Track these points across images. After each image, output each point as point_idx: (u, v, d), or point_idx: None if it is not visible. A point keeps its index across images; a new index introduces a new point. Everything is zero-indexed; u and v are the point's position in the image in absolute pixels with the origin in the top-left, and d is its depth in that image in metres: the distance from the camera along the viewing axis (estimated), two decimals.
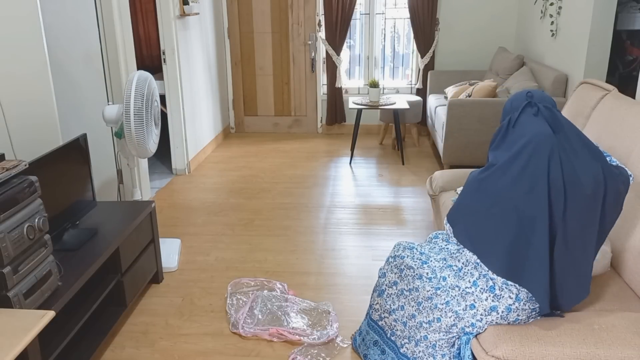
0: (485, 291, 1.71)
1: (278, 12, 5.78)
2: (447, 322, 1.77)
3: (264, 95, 6.09)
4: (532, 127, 1.66)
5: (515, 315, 1.69)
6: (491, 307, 1.69)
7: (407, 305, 1.92)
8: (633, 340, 1.58)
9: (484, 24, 5.59)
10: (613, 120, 2.33)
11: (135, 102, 2.62)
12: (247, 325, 2.45)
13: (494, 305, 1.69)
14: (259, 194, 4.21)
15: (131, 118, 2.60)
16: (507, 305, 1.68)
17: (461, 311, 1.74)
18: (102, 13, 3.34)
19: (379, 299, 2.06)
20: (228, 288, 2.77)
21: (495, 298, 1.69)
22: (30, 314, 1.62)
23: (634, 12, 4.12)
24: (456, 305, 1.76)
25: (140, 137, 2.67)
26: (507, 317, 1.69)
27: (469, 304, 1.73)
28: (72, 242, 2.28)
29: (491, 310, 1.70)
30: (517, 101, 1.75)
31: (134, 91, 2.62)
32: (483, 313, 1.71)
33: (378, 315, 2.06)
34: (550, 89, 4.05)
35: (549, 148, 1.62)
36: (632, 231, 1.96)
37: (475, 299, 1.72)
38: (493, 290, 1.69)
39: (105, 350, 2.35)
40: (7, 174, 1.74)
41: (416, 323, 1.86)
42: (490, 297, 1.70)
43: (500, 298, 1.68)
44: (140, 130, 2.65)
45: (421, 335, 1.85)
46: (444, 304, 1.79)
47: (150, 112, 2.74)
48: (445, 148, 4.28)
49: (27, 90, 2.49)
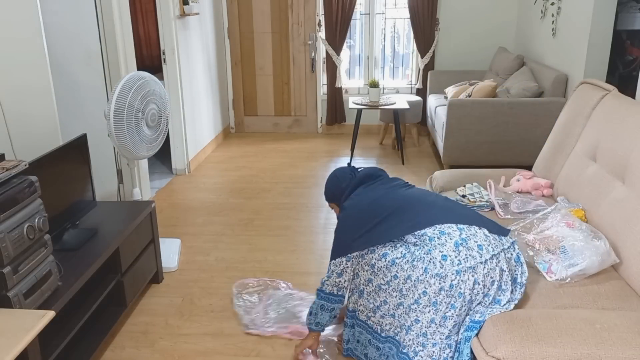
0: (438, 237, 1.89)
1: (278, 12, 5.78)
2: (433, 290, 1.80)
3: (264, 95, 6.09)
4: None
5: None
6: (442, 257, 1.84)
7: (389, 297, 1.93)
8: (634, 341, 1.58)
9: (484, 24, 5.59)
10: (613, 120, 2.33)
11: (120, 99, 2.59)
12: (267, 324, 2.45)
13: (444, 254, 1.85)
14: (259, 194, 4.21)
15: (111, 115, 2.57)
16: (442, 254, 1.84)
17: (440, 269, 1.80)
18: (102, 13, 3.34)
19: (360, 299, 2.06)
20: (233, 289, 2.76)
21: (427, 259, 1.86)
22: (30, 314, 1.61)
23: (634, 12, 4.12)
24: (433, 267, 1.81)
25: (120, 136, 2.61)
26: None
27: (440, 257, 1.83)
28: (72, 242, 2.27)
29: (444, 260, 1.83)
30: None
31: (119, 89, 2.59)
32: (453, 255, 1.82)
33: (365, 315, 2.07)
34: (550, 89, 4.05)
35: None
36: (633, 231, 1.96)
37: (440, 248, 1.84)
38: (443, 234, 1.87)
39: (105, 350, 2.35)
40: (7, 174, 1.74)
41: (405, 309, 1.88)
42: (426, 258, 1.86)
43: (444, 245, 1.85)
44: (120, 129, 2.60)
45: (412, 319, 1.86)
46: (423, 273, 1.82)
47: (144, 113, 2.71)
48: (445, 148, 4.28)
49: (27, 90, 2.48)
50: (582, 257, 1.95)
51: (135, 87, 2.65)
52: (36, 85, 2.52)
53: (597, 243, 1.99)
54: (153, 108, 2.80)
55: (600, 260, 1.95)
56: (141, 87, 2.69)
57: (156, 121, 2.86)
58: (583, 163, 2.47)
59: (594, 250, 1.96)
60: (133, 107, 2.64)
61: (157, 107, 2.84)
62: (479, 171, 3.00)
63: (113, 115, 2.56)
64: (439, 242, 1.84)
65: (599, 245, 1.98)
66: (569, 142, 2.67)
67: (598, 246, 1.98)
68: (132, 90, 2.62)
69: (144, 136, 2.77)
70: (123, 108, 2.59)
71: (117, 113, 2.58)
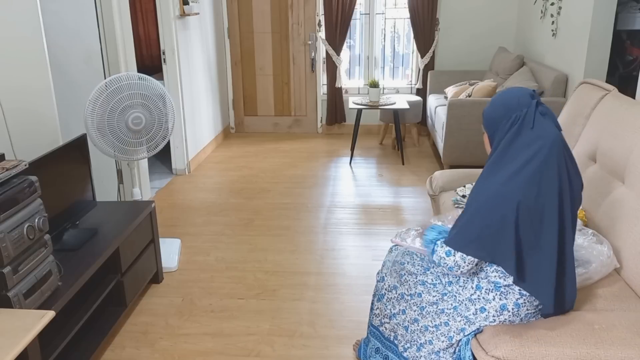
0: (491, 291, 1.70)
1: (278, 12, 5.78)
2: (457, 326, 1.74)
3: (264, 95, 6.09)
4: (547, 128, 1.64)
5: (525, 310, 1.67)
6: (501, 306, 1.68)
7: (408, 309, 1.89)
8: (633, 340, 1.58)
9: (484, 23, 5.59)
10: (613, 120, 2.33)
11: (95, 106, 2.63)
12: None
13: (503, 303, 1.68)
14: (259, 194, 4.21)
15: (88, 121, 2.64)
16: (515, 300, 1.67)
17: (472, 316, 1.72)
18: (102, 13, 3.34)
19: (378, 303, 2.03)
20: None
21: (503, 296, 1.68)
22: (30, 314, 1.61)
23: (634, 12, 4.12)
24: (465, 310, 1.73)
25: (97, 142, 2.69)
26: (518, 314, 1.68)
27: (479, 308, 1.71)
28: (72, 242, 2.27)
29: (502, 310, 1.68)
30: (524, 98, 1.69)
31: (93, 96, 2.63)
32: (495, 314, 1.69)
33: (379, 320, 2.03)
34: (550, 89, 4.05)
35: (562, 149, 1.63)
36: (632, 231, 1.96)
37: (484, 301, 1.70)
38: (499, 289, 1.69)
39: (105, 350, 2.35)
40: (7, 174, 1.74)
41: (420, 327, 1.83)
42: (498, 296, 1.68)
43: (507, 295, 1.67)
44: (98, 135, 2.67)
45: (426, 339, 1.81)
46: (451, 308, 1.76)
47: (121, 118, 2.70)
48: (445, 148, 4.28)
49: (27, 90, 2.48)
50: (584, 267, 1.93)
51: (110, 92, 2.67)
52: (36, 85, 2.52)
53: (600, 248, 1.98)
54: (137, 111, 2.75)
55: (604, 266, 1.94)
56: (120, 89, 2.68)
57: (143, 124, 2.77)
58: (583, 163, 2.47)
59: (597, 255, 1.95)
60: (106, 110, 2.67)
61: (145, 109, 2.77)
62: (479, 171, 2.98)
63: (91, 119, 2.61)
64: (492, 295, 1.69)
65: (601, 250, 1.97)
66: (568, 142, 2.64)
67: (601, 251, 1.97)
68: (104, 93, 2.65)
69: (124, 139, 2.76)
70: (94, 112, 2.65)
71: (97, 118, 2.63)
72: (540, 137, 1.63)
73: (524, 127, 1.65)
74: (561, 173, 1.61)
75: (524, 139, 1.64)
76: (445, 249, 1.69)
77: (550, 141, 1.61)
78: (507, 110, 1.69)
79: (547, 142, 1.61)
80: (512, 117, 1.67)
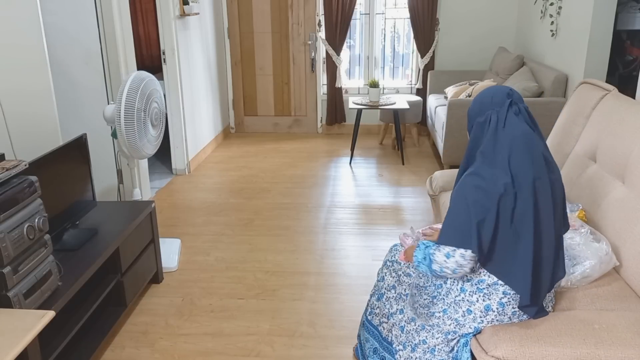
0: (475, 293, 1.71)
1: (278, 12, 5.78)
2: (447, 329, 1.76)
3: (264, 95, 6.09)
4: (519, 127, 1.67)
5: (511, 308, 1.68)
6: (485, 307, 1.69)
7: (406, 308, 1.90)
8: (633, 340, 1.58)
9: (484, 24, 5.58)
10: (613, 120, 2.33)
11: (128, 101, 2.60)
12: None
13: (487, 304, 1.69)
14: (259, 194, 4.21)
15: (122, 118, 2.58)
16: (499, 300, 1.68)
17: (461, 318, 1.73)
18: (102, 13, 3.34)
19: (378, 302, 2.04)
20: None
21: (486, 297, 1.69)
22: (30, 314, 1.61)
23: (634, 12, 4.12)
24: (454, 312, 1.74)
25: (131, 137, 2.64)
26: (504, 313, 1.69)
27: (465, 310, 1.72)
28: (72, 242, 2.28)
29: (487, 310, 1.69)
30: (498, 97, 1.73)
31: (126, 92, 2.60)
32: (481, 315, 1.70)
33: (378, 320, 2.04)
34: (550, 89, 4.05)
35: (537, 147, 1.65)
36: (632, 231, 1.96)
37: (468, 303, 1.72)
38: (481, 290, 1.70)
39: (105, 350, 2.35)
40: (7, 174, 1.74)
41: (416, 326, 1.84)
42: (481, 297, 1.70)
43: (490, 295, 1.69)
44: (131, 131, 2.63)
45: (420, 338, 1.82)
46: (441, 312, 1.78)
47: (147, 113, 2.72)
48: (445, 148, 4.28)
49: (27, 90, 2.49)
50: (582, 266, 1.94)
51: (141, 88, 2.67)
52: (36, 85, 2.52)
53: (597, 245, 1.98)
54: (155, 107, 2.81)
55: (602, 263, 1.94)
56: (145, 87, 2.71)
57: (159, 119, 2.88)
58: (583, 163, 2.47)
59: (594, 252, 1.95)
60: (140, 108, 2.66)
61: (158, 105, 2.85)
62: None
63: (124, 117, 2.58)
64: (476, 296, 1.71)
65: (599, 247, 1.97)
66: (568, 142, 2.67)
67: (598, 248, 1.97)
68: (138, 91, 2.65)
69: (151, 136, 2.80)
70: (132, 110, 2.61)
71: (127, 115, 2.60)
72: (508, 134, 1.66)
73: (498, 127, 1.68)
74: (536, 167, 1.63)
75: (498, 137, 1.68)
76: (444, 251, 1.68)
77: (519, 139, 1.64)
78: (482, 107, 1.75)
79: (517, 140, 1.64)
80: (485, 114, 1.72)
